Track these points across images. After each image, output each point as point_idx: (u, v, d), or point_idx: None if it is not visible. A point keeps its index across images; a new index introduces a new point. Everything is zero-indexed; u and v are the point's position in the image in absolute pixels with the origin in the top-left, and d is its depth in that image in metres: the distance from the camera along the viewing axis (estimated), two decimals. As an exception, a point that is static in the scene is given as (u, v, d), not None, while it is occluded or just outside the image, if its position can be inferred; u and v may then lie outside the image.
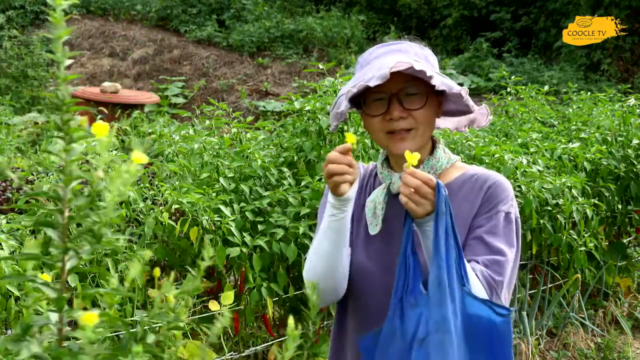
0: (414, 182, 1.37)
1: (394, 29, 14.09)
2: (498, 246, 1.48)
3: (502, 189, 1.54)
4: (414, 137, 1.51)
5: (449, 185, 1.56)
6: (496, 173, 1.60)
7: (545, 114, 4.83)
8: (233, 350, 2.88)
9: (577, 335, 3.97)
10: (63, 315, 1.04)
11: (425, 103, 1.50)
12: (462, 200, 1.54)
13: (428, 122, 1.53)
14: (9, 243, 2.16)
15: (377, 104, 1.53)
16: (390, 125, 1.51)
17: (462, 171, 1.61)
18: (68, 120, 1.02)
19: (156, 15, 14.52)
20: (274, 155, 3.29)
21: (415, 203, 1.38)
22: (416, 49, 1.55)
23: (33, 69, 10.74)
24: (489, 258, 1.47)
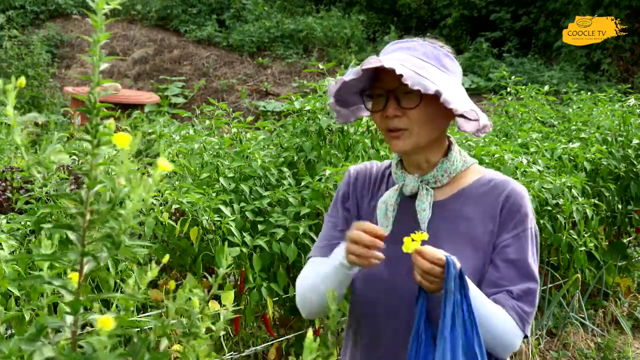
0: (424, 265, 1.36)
1: (394, 29, 14.09)
2: (529, 270, 1.49)
3: (522, 199, 1.52)
4: (408, 137, 1.49)
5: (465, 190, 1.54)
6: (513, 180, 1.57)
7: (545, 114, 4.83)
8: (233, 350, 2.88)
9: (577, 335, 3.97)
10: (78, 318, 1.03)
11: (419, 102, 1.46)
12: (478, 205, 1.52)
13: (424, 122, 1.48)
14: (9, 243, 2.16)
15: (378, 100, 1.52)
16: (386, 123, 1.50)
17: (478, 175, 1.58)
18: (98, 124, 1.02)
19: (156, 15, 14.52)
20: (274, 155, 3.29)
21: (429, 282, 1.38)
22: (427, 48, 1.51)
23: (33, 69, 10.74)
24: (522, 288, 1.47)
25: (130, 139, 1.01)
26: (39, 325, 1.00)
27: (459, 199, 1.55)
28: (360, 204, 1.64)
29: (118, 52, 13.34)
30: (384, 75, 1.47)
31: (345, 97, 1.59)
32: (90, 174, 1.02)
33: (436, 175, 1.54)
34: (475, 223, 1.51)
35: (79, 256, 1.03)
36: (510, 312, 1.44)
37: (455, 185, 1.56)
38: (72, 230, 1.03)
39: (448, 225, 1.52)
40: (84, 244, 1.03)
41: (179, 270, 2.85)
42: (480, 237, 1.50)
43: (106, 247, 1.03)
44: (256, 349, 2.90)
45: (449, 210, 1.53)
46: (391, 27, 14.32)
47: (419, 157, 1.54)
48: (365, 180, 1.65)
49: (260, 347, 2.93)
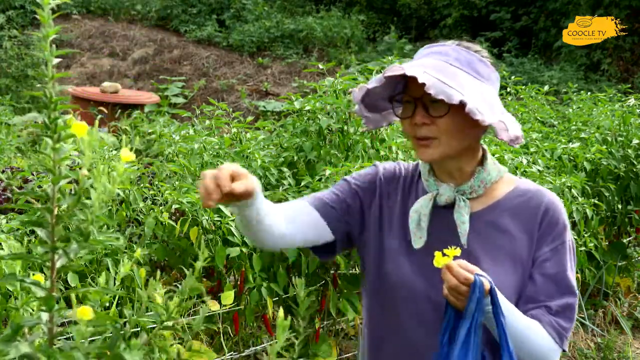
0: (452, 281, 1.33)
1: (394, 29, 14.09)
2: (568, 284, 1.47)
3: (560, 211, 1.50)
4: (437, 146, 1.43)
5: (500, 203, 1.51)
6: (547, 190, 1.54)
7: (545, 114, 4.83)
8: (233, 350, 2.88)
9: (577, 335, 3.97)
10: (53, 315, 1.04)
11: (447, 111, 1.40)
12: (515, 218, 1.49)
13: (453, 131, 1.43)
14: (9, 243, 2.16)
15: (407, 106, 1.47)
16: (414, 130, 1.45)
17: (512, 185, 1.54)
18: (55, 118, 1.02)
19: (156, 15, 14.52)
20: (274, 155, 3.29)
21: (455, 298, 1.35)
22: (460, 54, 1.45)
23: (33, 69, 10.74)
24: (560, 304, 1.45)
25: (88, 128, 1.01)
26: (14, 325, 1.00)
27: (494, 210, 1.50)
28: (382, 202, 1.57)
29: (118, 52, 13.34)
30: (411, 82, 1.43)
31: (375, 102, 1.55)
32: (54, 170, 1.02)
33: (473, 185, 1.49)
34: (514, 236, 1.48)
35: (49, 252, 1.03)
36: (547, 327, 1.42)
37: (490, 196, 1.52)
38: (41, 226, 1.03)
39: (485, 238, 1.48)
40: (54, 239, 1.03)
41: (179, 271, 2.84)
42: (519, 252, 1.47)
43: (75, 240, 1.03)
44: (256, 349, 2.90)
45: (485, 222, 1.49)
46: (391, 27, 14.31)
47: (451, 165, 1.50)
48: (393, 180, 1.59)
49: (260, 347, 2.93)
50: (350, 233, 1.57)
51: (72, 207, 1.02)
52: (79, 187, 1.02)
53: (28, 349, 0.98)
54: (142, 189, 2.77)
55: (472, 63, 1.45)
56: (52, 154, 1.02)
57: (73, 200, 1.02)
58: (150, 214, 2.64)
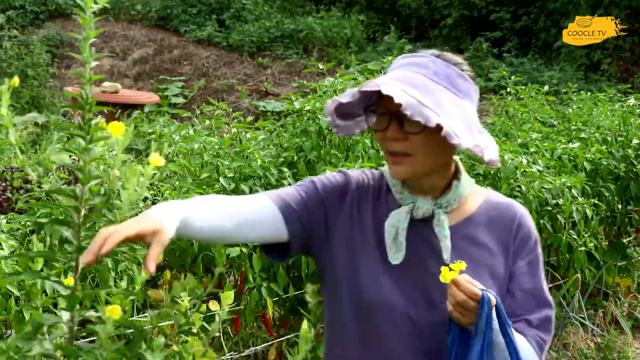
0: (460, 296, 1.29)
1: (394, 29, 14.09)
2: (545, 297, 1.47)
3: (531, 224, 1.50)
4: (410, 164, 1.37)
5: (474, 216, 1.47)
6: (517, 203, 1.53)
7: (545, 114, 4.83)
8: (233, 350, 2.88)
9: (577, 335, 3.97)
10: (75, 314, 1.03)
11: (423, 129, 1.33)
12: (490, 232, 1.47)
13: (427, 149, 1.36)
14: (9, 243, 2.16)
15: (381, 118, 1.40)
16: (387, 144, 1.39)
17: (481, 198, 1.51)
18: (90, 120, 1.02)
19: (156, 15, 14.52)
20: (274, 155, 3.29)
21: (460, 314, 1.31)
22: (439, 67, 1.38)
23: (33, 69, 10.74)
24: (540, 317, 1.44)
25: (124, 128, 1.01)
26: (35, 323, 1.00)
27: (469, 224, 1.47)
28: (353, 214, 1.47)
29: (118, 52, 13.34)
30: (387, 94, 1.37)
31: (350, 109, 1.48)
32: (84, 170, 1.02)
33: (450, 199, 1.44)
34: (491, 250, 1.45)
35: (74, 252, 1.03)
36: (531, 341, 1.41)
37: (463, 210, 1.47)
38: (68, 226, 1.03)
39: (463, 253, 1.43)
40: (80, 239, 1.03)
41: (179, 270, 2.84)
42: (496, 266, 1.45)
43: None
44: (256, 349, 2.90)
45: (461, 236, 1.45)
46: (391, 27, 14.32)
47: (423, 182, 1.44)
48: (363, 191, 1.50)
49: (260, 347, 2.93)
50: (309, 240, 1.47)
51: (101, 207, 1.02)
52: (109, 187, 1.02)
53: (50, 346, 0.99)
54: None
55: (451, 77, 1.38)
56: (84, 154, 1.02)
57: (102, 201, 1.02)
58: (150, 214, 2.64)
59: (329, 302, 1.52)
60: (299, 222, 1.44)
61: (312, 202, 1.46)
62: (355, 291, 1.43)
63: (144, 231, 1.12)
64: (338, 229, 1.47)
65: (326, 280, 1.51)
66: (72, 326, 1.04)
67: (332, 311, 1.52)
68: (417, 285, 1.41)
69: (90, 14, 1.02)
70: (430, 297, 1.41)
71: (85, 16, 1.01)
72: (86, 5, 1.00)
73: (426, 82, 1.35)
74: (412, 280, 1.42)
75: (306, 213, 1.45)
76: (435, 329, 1.40)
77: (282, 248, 1.47)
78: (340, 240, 1.46)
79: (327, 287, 1.51)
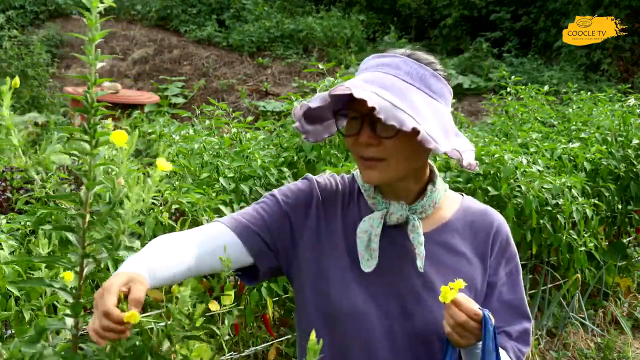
0: (460, 317, 1.24)
1: (394, 29, 14.09)
2: (524, 309, 1.44)
3: (508, 232, 1.46)
4: (384, 169, 1.32)
5: (450, 223, 1.42)
6: (494, 210, 1.49)
7: (545, 114, 4.83)
8: (233, 350, 2.88)
9: (577, 335, 3.97)
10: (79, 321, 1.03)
11: (397, 133, 1.27)
12: (466, 239, 1.42)
13: (402, 154, 1.31)
14: (9, 243, 2.16)
15: (352, 123, 1.35)
16: (360, 150, 1.33)
17: (457, 204, 1.46)
18: (95, 124, 1.01)
19: (156, 15, 14.51)
20: (274, 155, 3.29)
21: (460, 335, 1.25)
22: (411, 67, 1.32)
23: (33, 69, 10.74)
24: (519, 329, 1.41)
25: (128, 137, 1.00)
26: (38, 328, 0.99)
27: (444, 231, 1.42)
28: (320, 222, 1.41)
29: (118, 52, 13.34)
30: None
31: (319, 113, 1.42)
32: (89, 175, 1.01)
33: (425, 205, 1.39)
34: (468, 259, 1.41)
35: (79, 258, 1.02)
36: (510, 353, 1.38)
37: (438, 216, 1.43)
38: (72, 231, 1.02)
39: (438, 261, 1.39)
40: (85, 245, 1.02)
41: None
42: (473, 275, 1.39)
43: (106, 248, 1.03)
44: (256, 348, 2.90)
45: (436, 243, 1.40)
46: (391, 27, 14.31)
47: (398, 187, 1.38)
48: (330, 197, 1.44)
49: (260, 347, 2.93)
50: (276, 256, 1.40)
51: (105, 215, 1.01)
52: (114, 195, 1.01)
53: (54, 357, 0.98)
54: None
55: (425, 78, 1.32)
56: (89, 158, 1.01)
57: (107, 209, 1.01)
58: (150, 214, 2.64)
59: (299, 311, 1.47)
60: (259, 242, 1.37)
61: (273, 218, 1.39)
62: (324, 299, 1.37)
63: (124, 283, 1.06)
64: (305, 237, 1.40)
65: (296, 289, 1.45)
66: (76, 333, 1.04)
67: (302, 321, 1.45)
68: (389, 293, 1.36)
69: (96, 15, 1.02)
70: (404, 306, 1.36)
71: (91, 17, 1.01)
72: (92, 6, 1.00)
73: (399, 83, 1.29)
74: (384, 288, 1.36)
75: (267, 231, 1.38)
76: (409, 340, 1.36)
77: (254, 270, 1.41)
78: (307, 248, 1.40)
79: (297, 296, 1.45)
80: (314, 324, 1.36)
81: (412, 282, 1.36)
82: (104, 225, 1.02)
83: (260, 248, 1.38)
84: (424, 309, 1.35)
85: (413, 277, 1.36)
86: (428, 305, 1.35)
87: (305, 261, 1.40)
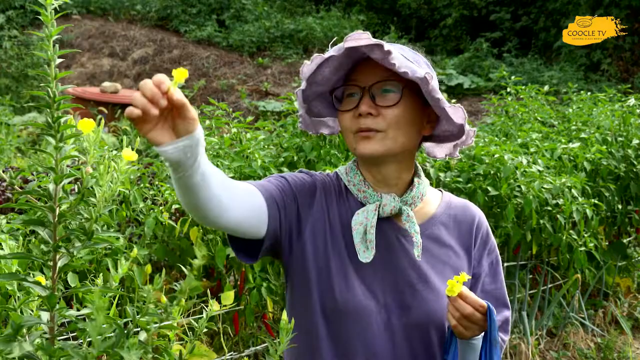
0: (467, 309, 1.27)
1: (394, 29, 14.09)
2: (505, 298, 1.48)
3: (487, 224, 1.51)
4: (382, 139, 1.32)
5: (435, 216, 1.45)
6: (473, 204, 1.53)
7: (545, 114, 4.83)
8: (233, 350, 2.88)
9: (577, 335, 3.97)
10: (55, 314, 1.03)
11: (398, 101, 1.31)
12: (451, 232, 1.45)
13: (401, 125, 1.33)
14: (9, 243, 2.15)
15: (350, 99, 1.36)
16: (357, 122, 1.33)
17: (439, 198, 1.49)
18: (58, 118, 1.02)
19: (156, 15, 14.52)
20: (274, 155, 3.29)
21: (465, 327, 1.29)
22: (404, 50, 1.37)
23: (33, 69, 10.75)
24: (502, 319, 1.46)
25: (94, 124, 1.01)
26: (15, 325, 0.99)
27: (432, 224, 1.44)
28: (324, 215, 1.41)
29: (118, 52, 13.34)
30: (360, 71, 1.35)
31: (310, 103, 1.43)
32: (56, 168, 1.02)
33: (414, 196, 1.40)
34: (455, 251, 1.44)
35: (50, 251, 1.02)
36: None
37: (424, 210, 1.44)
38: (42, 225, 1.03)
39: (429, 254, 1.41)
40: (56, 238, 1.03)
41: (179, 270, 2.85)
42: (461, 267, 1.43)
43: (78, 238, 1.03)
44: (256, 348, 2.90)
45: (426, 236, 1.41)
46: (391, 27, 14.32)
47: (389, 169, 1.38)
48: (329, 192, 1.44)
49: (260, 347, 2.93)
50: (280, 236, 1.38)
51: (75, 205, 1.01)
52: (83, 185, 1.02)
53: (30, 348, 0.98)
54: (142, 189, 2.77)
55: (419, 61, 1.37)
56: (55, 153, 1.02)
57: (76, 198, 1.02)
58: (150, 214, 2.64)
59: (297, 307, 1.44)
60: (277, 217, 1.35)
61: (286, 196, 1.38)
62: (327, 293, 1.37)
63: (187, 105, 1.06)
64: (310, 227, 1.39)
65: (295, 284, 1.43)
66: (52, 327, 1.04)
67: (300, 317, 1.41)
68: (386, 287, 1.38)
69: (51, 11, 1.03)
70: (401, 299, 1.38)
71: (46, 14, 1.01)
72: (46, 2, 1.01)
73: (399, 48, 1.36)
74: (381, 282, 1.38)
75: (283, 204, 1.37)
76: (406, 332, 1.37)
77: (254, 246, 1.37)
78: (312, 238, 1.39)
79: (295, 292, 1.43)
80: (314, 318, 1.38)
81: (408, 275, 1.38)
82: (75, 216, 1.02)
83: (276, 224, 1.35)
84: (420, 301, 1.38)
85: (408, 270, 1.38)
86: (423, 297, 1.38)
87: (310, 251, 1.39)
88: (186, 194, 1.16)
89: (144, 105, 1.02)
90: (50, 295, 1.02)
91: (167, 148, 1.06)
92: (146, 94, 1.03)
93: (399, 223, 1.40)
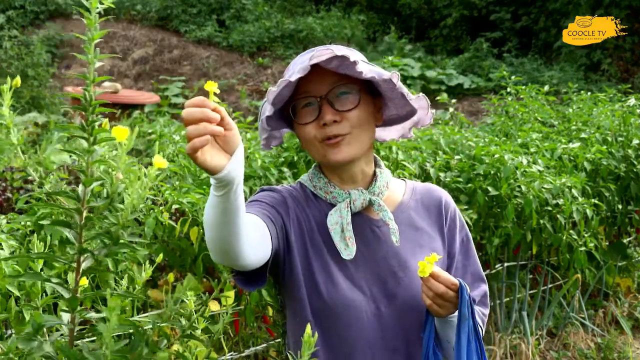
0: (440, 288, 1.31)
1: (394, 29, 14.08)
2: (479, 272, 1.52)
3: (453, 202, 1.55)
4: (349, 142, 1.37)
5: (404, 203, 1.49)
6: (437, 186, 1.58)
7: (545, 114, 4.82)
8: (233, 350, 2.88)
9: (577, 335, 3.97)
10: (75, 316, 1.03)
11: (358, 102, 1.37)
12: (421, 216, 1.50)
13: (364, 124, 1.39)
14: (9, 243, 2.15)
15: (308, 110, 1.38)
16: (324, 131, 1.36)
17: (402, 185, 1.54)
18: (93, 121, 1.02)
19: (156, 15, 14.52)
20: (274, 155, 3.29)
21: (439, 306, 1.33)
22: (344, 50, 1.37)
23: (33, 69, 10.74)
24: (479, 293, 1.49)
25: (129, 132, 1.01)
26: (35, 324, 1.00)
27: (403, 210, 1.48)
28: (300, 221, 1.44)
29: (118, 52, 13.34)
30: (311, 81, 1.35)
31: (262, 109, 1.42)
32: (87, 171, 1.02)
33: (380, 186, 1.45)
34: (429, 234, 1.49)
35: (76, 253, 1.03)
36: (476, 318, 1.41)
37: (391, 199, 1.49)
38: (69, 227, 1.03)
39: (406, 239, 1.44)
40: (82, 241, 1.03)
41: (179, 271, 2.84)
42: (436, 248, 1.47)
43: (104, 243, 1.03)
44: (256, 348, 2.90)
45: (400, 222, 1.45)
46: (391, 27, 14.32)
47: (356, 167, 1.43)
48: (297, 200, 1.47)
49: (260, 347, 2.93)
50: (278, 253, 1.40)
51: (102, 209, 1.01)
52: (112, 189, 1.02)
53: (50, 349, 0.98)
54: (142, 189, 2.77)
55: (364, 58, 1.42)
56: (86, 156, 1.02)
57: (105, 203, 1.01)
58: (150, 214, 2.64)
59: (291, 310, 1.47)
60: (277, 239, 1.38)
61: (277, 215, 1.41)
62: (314, 293, 1.41)
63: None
64: (293, 236, 1.42)
65: (287, 289, 1.45)
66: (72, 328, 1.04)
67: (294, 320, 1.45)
68: (370, 278, 1.42)
69: (95, 15, 1.03)
70: (386, 288, 1.42)
71: (90, 17, 1.01)
72: (91, 6, 1.01)
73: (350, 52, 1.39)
74: (365, 275, 1.42)
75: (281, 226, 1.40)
76: (396, 318, 1.41)
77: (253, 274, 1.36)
78: (296, 246, 1.42)
79: (288, 295, 1.46)
80: (307, 319, 1.41)
81: (388, 264, 1.42)
82: (101, 220, 1.02)
83: (277, 247, 1.39)
84: (404, 287, 1.42)
85: (387, 259, 1.42)
86: (407, 283, 1.42)
87: (297, 258, 1.42)
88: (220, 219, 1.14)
89: (205, 127, 1.02)
90: (72, 298, 1.02)
91: (229, 168, 1.06)
92: (196, 116, 1.02)
93: (371, 215, 1.45)
